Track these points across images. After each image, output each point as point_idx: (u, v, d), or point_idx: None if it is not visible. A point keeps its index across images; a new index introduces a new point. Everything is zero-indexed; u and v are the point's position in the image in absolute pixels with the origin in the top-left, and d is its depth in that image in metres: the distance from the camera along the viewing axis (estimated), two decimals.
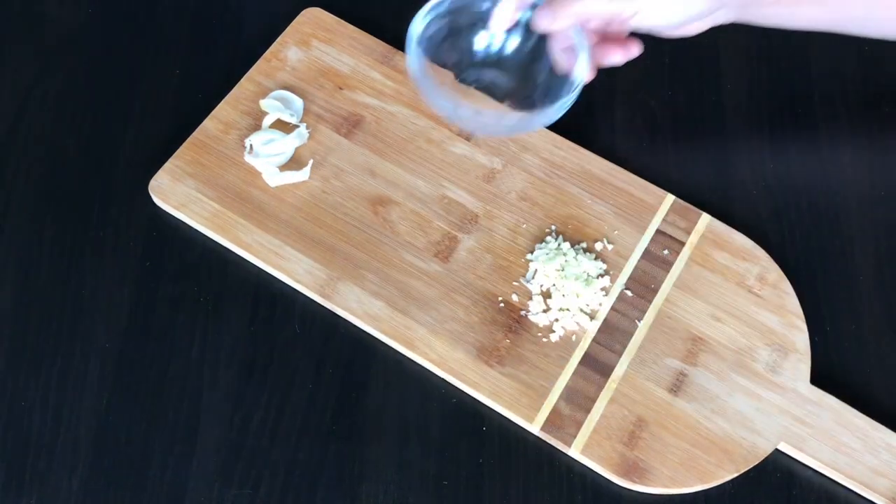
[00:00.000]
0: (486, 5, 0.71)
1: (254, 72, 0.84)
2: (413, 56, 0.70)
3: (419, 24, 0.71)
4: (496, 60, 0.74)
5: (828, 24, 0.75)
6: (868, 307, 0.77)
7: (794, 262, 0.77)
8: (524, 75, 0.73)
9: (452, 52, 0.73)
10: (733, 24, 0.73)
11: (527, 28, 0.71)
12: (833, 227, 0.80)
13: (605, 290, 0.76)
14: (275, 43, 0.86)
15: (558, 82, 0.71)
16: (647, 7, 0.67)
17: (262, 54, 0.85)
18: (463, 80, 0.74)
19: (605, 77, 0.86)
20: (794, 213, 0.81)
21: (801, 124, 0.77)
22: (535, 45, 0.72)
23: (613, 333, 0.74)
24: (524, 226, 0.78)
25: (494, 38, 0.73)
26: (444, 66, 0.73)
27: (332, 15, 0.87)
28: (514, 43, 0.73)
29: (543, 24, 0.69)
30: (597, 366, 0.73)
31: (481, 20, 0.72)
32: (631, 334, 0.74)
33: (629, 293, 0.76)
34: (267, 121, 0.82)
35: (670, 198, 0.79)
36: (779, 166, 0.82)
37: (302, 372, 0.74)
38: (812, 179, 0.82)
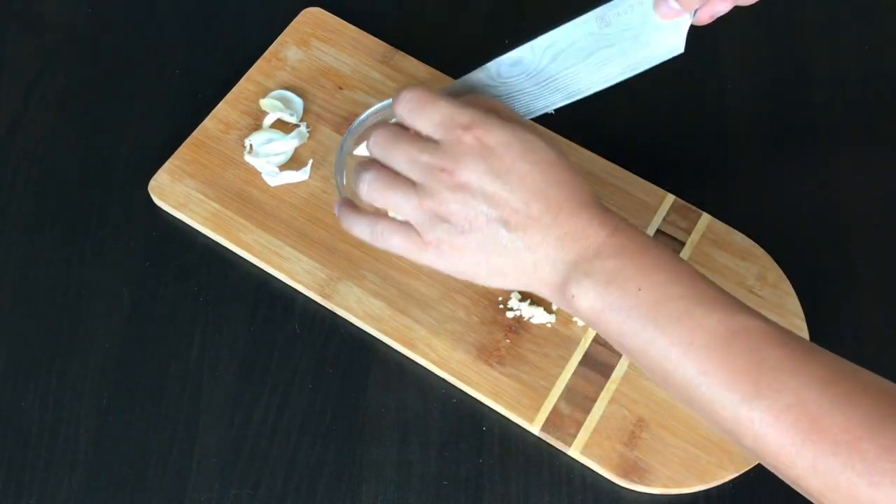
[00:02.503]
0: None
1: (254, 72, 0.84)
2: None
3: (351, 143, 0.71)
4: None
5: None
6: (868, 307, 0.77)
7: (794, 262, 0.77)
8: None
9: None
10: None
11: None
12: (833, 227, 0.80)
13: None
14: (275, 43, 0.86)
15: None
16: None
17: (262, 54, 0.85)
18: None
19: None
20: (794, 213, 0.81)
21: (802, 124, 0.77)
22: None
23: None
24: None
25: None
26: None
27: (332, 15, 0.87)
28: None
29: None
30: (597, 366, 0.73)
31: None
32: None
33: None
34: (267, 121, 0.82)
35: (670, 198, 0.79)
36: (779, 166, 0.82)
37: (302, 372, 0.74)
38: (812, 179, 0.82)
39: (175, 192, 0.79)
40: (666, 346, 0.57)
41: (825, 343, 0.75)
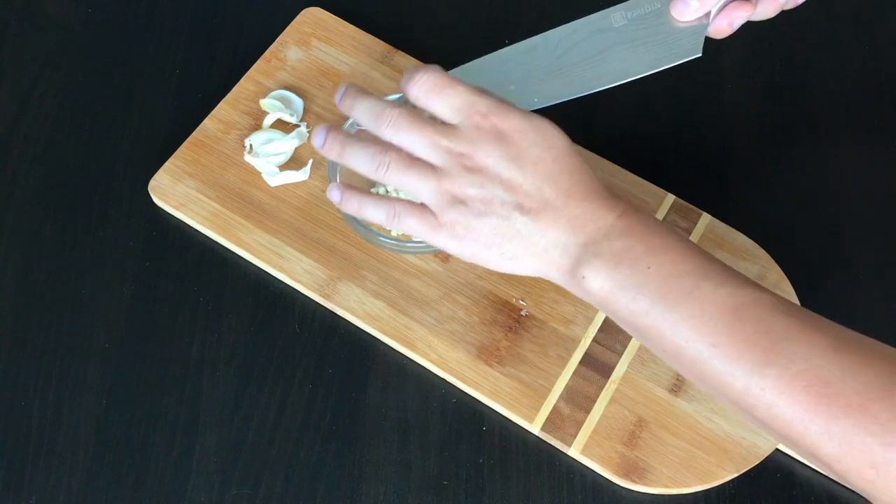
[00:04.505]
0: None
1: (254, 72, 0.84)
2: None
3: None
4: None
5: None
6: (868, 307, 0.77)
7: (794, 262, 0.77)
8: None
9: None
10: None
11: None
12: (833, 227, 0.80)
13: None
14: (275, 43, 0.86)
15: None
16: None
17: (262, 54, 0.85)
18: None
19: None
20: (794, 213, 0.81)
21: (802, 124, 0.77)
22: None
23: (613, 333, 0.74)
24: None
25: None
26: None
27: (332, 15, 0.87)
28: None
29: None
30: (597, 366, 0.73)
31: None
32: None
33: None
34: (267, 121, 0.82)
35: (670, 198, 0.79)
36: (779, 166, 0.82)
37: (302, 372, 0.74)
38: (812, 179, 0.82)
39: (175, 192, 0.79)
40: (676, 322, 0.58)
41: None
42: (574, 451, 0.71)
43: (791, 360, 0.55)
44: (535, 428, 0.71)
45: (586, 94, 0.68)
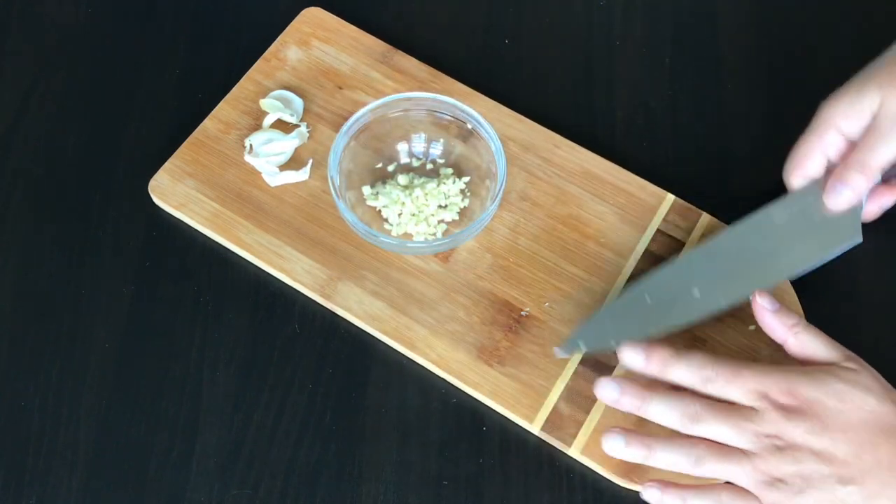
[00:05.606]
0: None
1: (254, 72, 0.84)
2: None
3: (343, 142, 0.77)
4: None
5: None
6: (868, 307, 0.77)
7: None
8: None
9: None
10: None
11: None
12: None
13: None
14: (275, 43, 0.86)
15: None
16: None
17: (262, 54, 0.85)
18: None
19: (605, 77, 0.86)
20: None
21: (802, 124, 0.77)
22: None
23: None
24: (524, 225, 0.78)
25: None
26: None
27: (331, 15, 0.87)
28: None
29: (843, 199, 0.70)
30: (597, 366, 0.73)
31: None
32: None
33: None
34: (267, 121, 0.82)
35: (670, 198, 0.79)
36: (779, 166, 0.82)
37: (302, 372, 0.74)
38: None
39: (175, 192, 0.79)
40: None
41: None
42: (574, 451, 0.71)
43: None
44: (535, 428, 0.71)
45: (766, 287, 0.70)
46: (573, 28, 0.89)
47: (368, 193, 0.78)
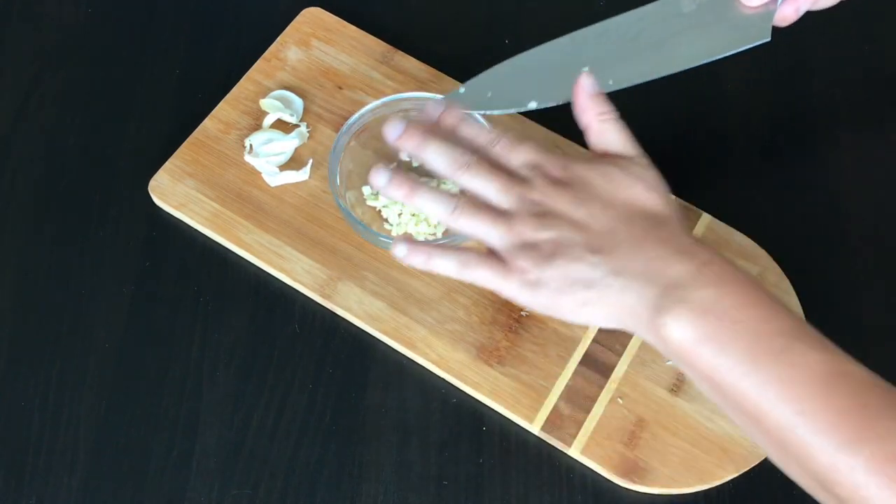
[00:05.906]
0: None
1: (254, 72, 0.84)
2: None
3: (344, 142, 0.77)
4: None
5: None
6: (868, 307, 0.77)
7: (794, 262, 0.77)
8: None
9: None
10: None
11: None
12: (833, 226, 0.80)
13: None
14: (275, 43, 0.86)
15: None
16: None
17: (262, 54, 0.85)
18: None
19: None
20: (793, 213, 0.81)
21: (802, 124, 0.77)
22: None
23: (613, 333, 0.74)
24: None
25: None
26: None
27: (332, 15, 0.87)
28: None
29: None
30: (597, 366, 0.73)
31: None
32: (631, 334, 0.74)
33: None
34: (267, 121, 0.82)
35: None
36: (779, 166, 0.82)
37: (302, 372, 0.74)
38: (812, 179, 0.82)
39: (175, 192, 0.79)
40: (762, 383, 0.54)
41: None
42: (574, 451, 0.71)
43: (885, 440, 0.51)
44: (535, 428, 0.71)
45: (658, 77, 0.68)
46: (573, 28, 0.89)
47: (368, 193, 0.78)
